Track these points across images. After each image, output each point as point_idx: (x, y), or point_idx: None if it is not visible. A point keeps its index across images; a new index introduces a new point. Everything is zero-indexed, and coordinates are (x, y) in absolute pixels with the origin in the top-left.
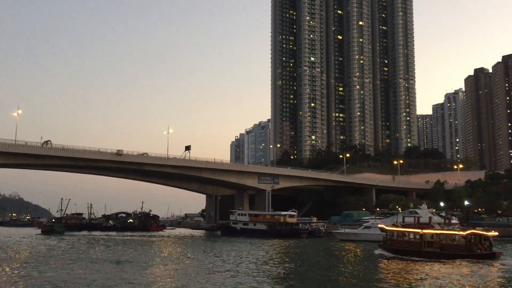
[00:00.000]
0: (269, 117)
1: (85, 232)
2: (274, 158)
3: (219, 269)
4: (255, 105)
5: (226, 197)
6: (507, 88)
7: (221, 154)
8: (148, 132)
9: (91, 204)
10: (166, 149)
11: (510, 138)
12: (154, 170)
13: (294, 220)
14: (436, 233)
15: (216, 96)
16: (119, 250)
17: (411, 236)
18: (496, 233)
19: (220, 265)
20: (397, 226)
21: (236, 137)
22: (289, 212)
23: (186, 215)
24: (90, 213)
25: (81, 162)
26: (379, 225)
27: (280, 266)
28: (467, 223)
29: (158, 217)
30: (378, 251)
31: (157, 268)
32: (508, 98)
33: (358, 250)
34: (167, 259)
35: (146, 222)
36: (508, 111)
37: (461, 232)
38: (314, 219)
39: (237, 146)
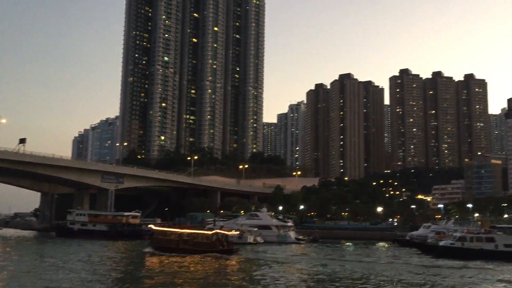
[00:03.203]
0: (118, 114)
1: None
2: (120, 156)
3: (41, 274)
4: (102, 100)
5: (65, 196)
6: (341, 104)
7: (62, 149)
8: None
9: None
10: None
11: (341, 149)
12: None
13: (137, 221)
14: (190, 233)
15: (59, 86)
16: None
17: (172, 235)
18: (237, 232)
19: (42, 269)
20: (164, 227)
21: (80, 133)
22: (132, 213)
23: (16, 214)
24: None
25: None
26: (149, 226)
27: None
28: (301, 225)
29: None
30: (147, 249)
31: None
32: (341, 113)
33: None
34: None
35: None
36: (341, 124)
37: (208, 232)
38: (158, 221)
39: (81, 142)
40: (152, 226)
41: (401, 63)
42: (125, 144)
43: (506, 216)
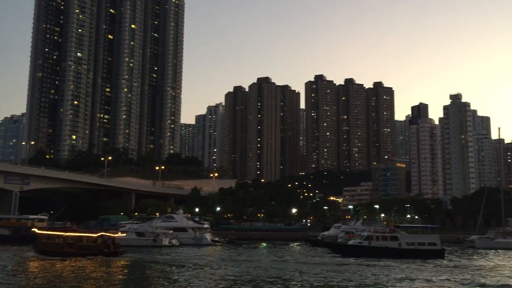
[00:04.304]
0: (24, 111)
1: None
2: (27, 156)
3: None
4: (7, 95)
5: None
6: (259, 107)
7: None
8: None
9: None
10: None
11: (258, 151)
12: None
13: (44, 224)
14: (75, 235)
15: None
16: None
17: (56, 238)
18: (124, 234)
19: None
20: (48, 230)
21: None
22: (38, 216)
23: None
24: None
25: None
26: (32, 230)
27: None
28: (217, 227)
29: None
30: (30, 254)
31: None
32: (259, 116)
33: None
34: None
35: None
36: (259, 127)
37: (93, 235)
38: (68, 224)
39: None
40: (36, 230)
41: (317, 69)
42: (32, 143)
43: (408, 216)
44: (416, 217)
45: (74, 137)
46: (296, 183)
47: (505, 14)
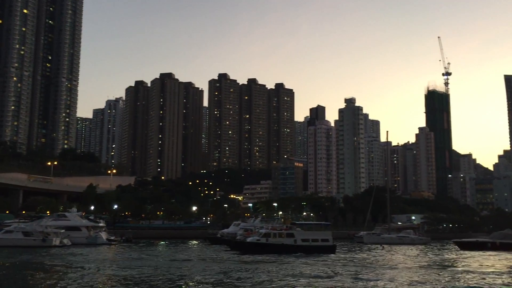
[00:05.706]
0: None
1: None
2: None
3: None
4: None
5: None
6: (162, 103)
7: None
8: None
9: None
10: None
11: (159, 148)
12: None
13: None
14: None
15: None
16: None
17: None
18: None
19: None
20: None
21: None
22: None
23: None
24: None
25: None
26: None
27: None
28: (114, 226)
29: None
30: None
31: None
32: (161, 112)
33: None
34: None
35: None
36: (160, 124)
37: None
38: None
39: None
40: None
41: (221, 68)
42: None
43: (304, 213)
44: (312, 214)
45: None
46: (197, 181)
47: (395, 24)
